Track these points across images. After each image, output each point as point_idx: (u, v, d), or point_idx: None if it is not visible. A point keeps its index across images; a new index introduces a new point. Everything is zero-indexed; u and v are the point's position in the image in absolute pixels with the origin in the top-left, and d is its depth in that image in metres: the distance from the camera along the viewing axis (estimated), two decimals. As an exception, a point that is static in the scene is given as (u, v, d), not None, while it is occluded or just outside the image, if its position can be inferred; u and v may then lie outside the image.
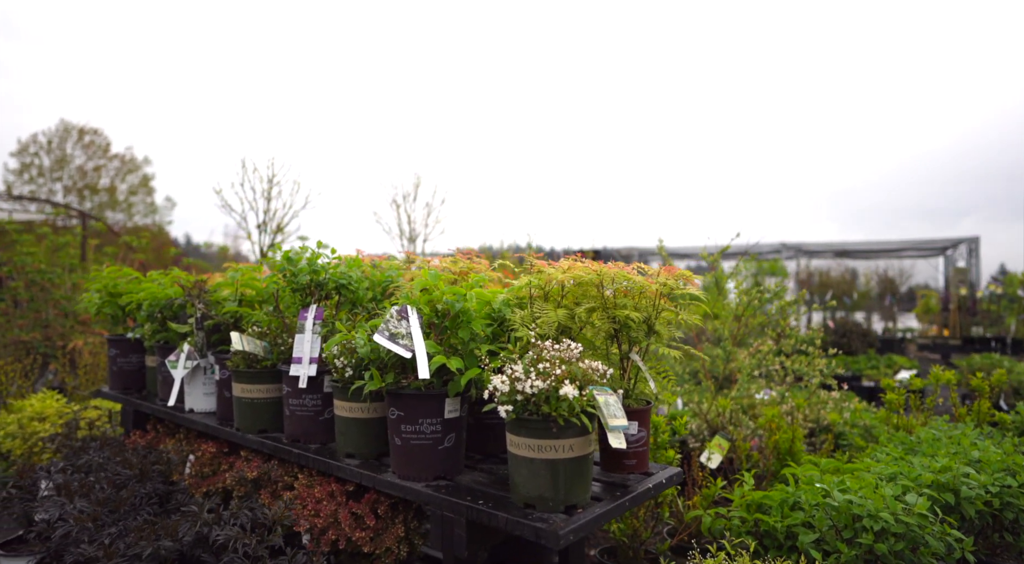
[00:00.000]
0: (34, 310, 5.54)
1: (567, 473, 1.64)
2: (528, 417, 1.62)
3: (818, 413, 3.39)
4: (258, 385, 2.44)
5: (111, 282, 3.31)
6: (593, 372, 1.69)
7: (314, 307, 2.33)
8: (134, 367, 3.33)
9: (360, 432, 2.11)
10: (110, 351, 3.33)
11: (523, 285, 2.05)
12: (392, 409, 1.91)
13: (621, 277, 1.93)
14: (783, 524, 2.10)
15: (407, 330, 1.89)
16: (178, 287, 2.89)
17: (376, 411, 2.11)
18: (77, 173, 29.17)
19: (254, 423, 2.45)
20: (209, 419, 2.71)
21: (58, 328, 5.65)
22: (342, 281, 2.37)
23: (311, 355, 2.28)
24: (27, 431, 3.69)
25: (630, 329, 1.92)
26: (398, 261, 2.66)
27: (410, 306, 1.96)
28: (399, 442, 1.90)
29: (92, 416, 3.58)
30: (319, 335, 2.29)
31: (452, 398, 1.90)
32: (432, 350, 1.84)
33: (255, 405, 2.45)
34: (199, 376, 2.80)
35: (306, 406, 2.30)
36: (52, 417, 3.77)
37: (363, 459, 2.12)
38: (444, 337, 1.94)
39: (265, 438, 2.39)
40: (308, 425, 2.31)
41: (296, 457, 2.24)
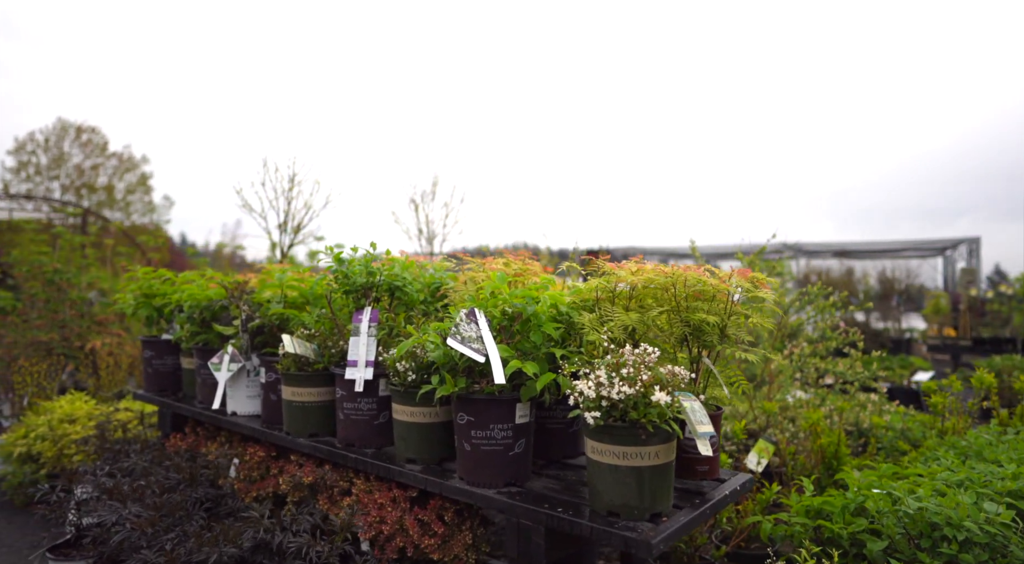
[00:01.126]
0: (51, 310, 5.48)
1: (652, 481, 1.61)
2: (613, 424, 1.59)
3: (856, 416, 3.37)
4: (309, 388, 2.41)
5: (146, 283, 3.27)
6: (677, 377, 1.66)
7: (369, 309, 2.29)
8: (169, 369, 3.28)
9: (422, 437, 2.08)
10: (145, 353, 3.28)
11: (591, 287, 2.02)
12: (461, 414, 1.88)
13: (694, 280, 1.90)
14: (848, 531, 2.07)
15: (477, 334, 1.86)
16: (220, 288, 2.85)
17: (438, 416, 2.07)
18: (75, 171, 29.00)
19: (304, 427, 2.42)
20: (254, 422, 2.67)
21: (75, 328, 5.59)
22: (396, 283, 2.34)
23: (367, 358, 2.25)
24: (57, 433, 3.64)
25: (703, 333, 1.89)
26: (448, 263, 2.63)
27: (478, 309, 1.93)
28: (468, 448, 1.87)
29: (124, 418, 3.53)
30: (375, 338, 2.26)
31: (523, 403, 1.87)
32: (505, 354, 1.81)
33: (306, 408, 2.41)
34: (242, 379, 2.76)
35: (361, 410, 2.27)
36: (82, 419, 3.73)
37: (425, 464, 2.08)
38: (514, 341, 1.91)
39: (317, 442, 2.36)
40: (363, 429, 2.27)
41: (353, 462, 2.20)
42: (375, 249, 2.38)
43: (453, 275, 2.58)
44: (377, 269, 2.31)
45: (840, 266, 16.48)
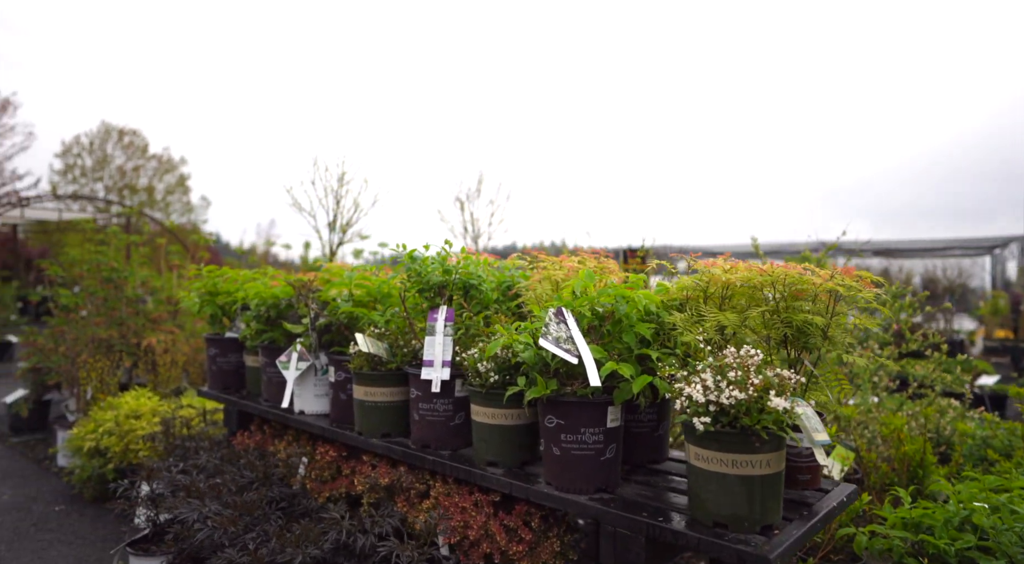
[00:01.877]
0: (109, 308, 5.61)
1: (763, 491, 1.52)
2: (722, 430, 1.51)
3: (937, 422, 3.21)
4: (382, 388, 2.38)
5: (210, 282, 3.29)
6: (787, 382, 1.57)
7: (444, 308, 2.25)
8: (233, 366, 3.30)
9: (503, 440, 2.02)
10: (209, 350, 3.31)
11: (681, 286, 1.94)
12: (550, 417, 1.81)
13: (794, 278, 1.80)
14: (956, 547, 1.95)
15: (567, 334, 1.79)
16: (286, 287, 2.85)
17: (521, 418, 2.02)
18: (117, 173, 29.88)
19: (377, 427, 2.39)
20: (322, 421, 2.65)
21: (132, 325, 5.72)
22: (472, 281, 2.29)
23: (443, 358, 2.20)
24: (123, 428, 3.70)
25: (805, 335, 1.79)
26: (521, 261, 2.57)
27: (565, 308, 1.86)
28: (557, 452, 1.81)
29: (187, 415, 3.57)
30: (451, 337, 2.21)
31: (615, 406, 1.80)
32: (599, 356, 1.74)
33: (379, 408, 2.38)
34: (309, 377, 2.75)
35: (437, 411, 2.23)
36: (147, 415, 3.78)
37: (506, 468, 2.03)
38: (604, 341, 1.84)
39: (391, 443, 2.32)
40: (439, 430, 2.23)
41: (430, 464, 2.16)
42: (450, 247, 2.34)
43: (524, 274, 2.52)
44: (453, 267, 2.26)
45: (879, 266, 15.95)
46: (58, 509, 3.67)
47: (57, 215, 18.80)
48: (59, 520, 3.51)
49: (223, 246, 22.65)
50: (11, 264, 19.26)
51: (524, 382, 1.86)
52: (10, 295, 12.71)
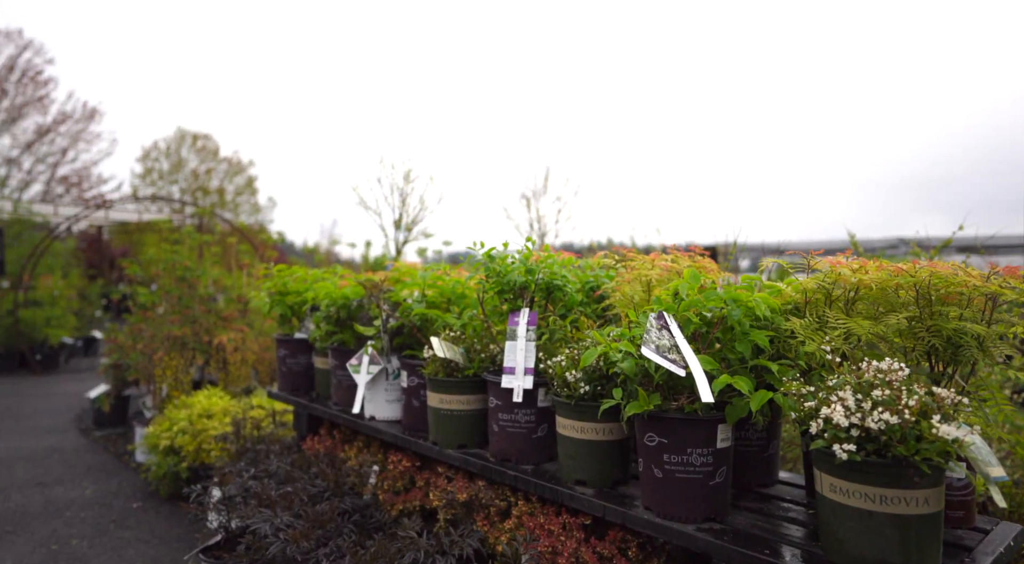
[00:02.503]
0: (183, 306, 5.75)
1: (920, 534, 1.27)
2: (868, 459, 1.28)
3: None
4: (458, 396, 2.23)
5: (280, 281, 3.25)
6: (945, 402, 1.31)
7: (526, 311, 2.08)
8: (302, 368, 3.25)
9: (593, 456, 1.84)
10: (279, 351, 3.27)
11: (799, 288, 1.70)
12: (651, 435, 1.61)
13: (942, 279, 1.54)
14: None
15: (671, 342, 1.59)
16: (357, 287, 2.75)
17: (614, 433, 1.83)
18: (191, 176, 31.35)
19: (453, 437, 2.25)
20: (394, 428, 2.54)
21: (204, 324, 5.85)
22: (556, 282, 2.11)
23: (526, 365, 2.03)
24: (196, 427, 3.73)
25: (956, 346, 1.52)
26: (607, 260, 2.37)
27: (667, 313, 1.66)
28: (659, 474, 1.61)
29: (257, 416, 3.55)
30: (534, 343, 2.05)
31: (726, 425, 1.58)
32: (710, 367, 1.53)
33: (454, 417, 2.24)
34: (380, 381, 2.64)
35: (518, 422, 2.06)
36: (218, 415, 3.80)
37: (596, 488, 1.84)
38: (713, 351, 1.62)
39: (467, 455, 2.18)
40: (519, 443, 2.07)
41: (511, 480, 2.00)
42: (534, 245, 2.16)
43: (608, 273, 2.32)
44: (536, 266, 2.09)
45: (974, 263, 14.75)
46: (136, 506, 3.73)
47: (137, 216, 19.87)
48: (137, 517, 3.57)
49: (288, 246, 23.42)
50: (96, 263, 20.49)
51: (621, 395, 1.67)
52: (95, 292, 13.45)
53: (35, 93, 23.59)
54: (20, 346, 9.06)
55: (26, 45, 23.28)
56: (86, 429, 5.74)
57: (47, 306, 9.94)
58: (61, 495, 3.92)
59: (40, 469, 4.46)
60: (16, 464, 4.59)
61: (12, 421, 5.99)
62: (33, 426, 5.80)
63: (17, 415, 6.23)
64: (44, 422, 5.98)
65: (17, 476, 4.30)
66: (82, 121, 25.22)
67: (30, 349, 9.17)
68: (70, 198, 25.09)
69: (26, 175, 24.14)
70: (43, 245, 10.16)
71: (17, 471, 4.42)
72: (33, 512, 3.64)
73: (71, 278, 12.21)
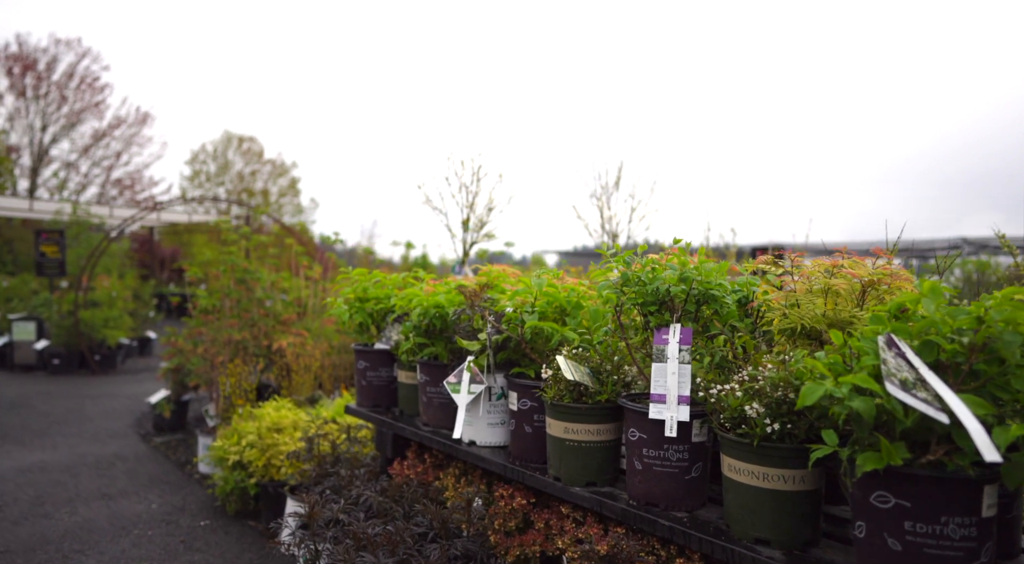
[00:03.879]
0: (242, 309, 5.60)
1: None
2: None
3: None
4: (587, 425, 1.90)
5: (360, 287, 2.98)
6: None
7: (677, 327, 1.73)
8: (384, 382, 2.97)
9: (780, 510, 1.48)
10: (357, 363, 3.00)
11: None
12: (882, 494, 1.25)
13: None
14: None
15: (914, 375, 1.22)
16: (455, 294, 2.45)
17: (806, 482, 1.47)
18: (236, 177, 31.97)
19: (580, 472, 1.92)
20: (498, 456, 2.23)
21: (263, 327, 5.68)
22: (713, 292, 1.76)
23: (679, 392, 1.69)
24: (265, 442, 3.50)
25: None
26: (768, 266, 2.01)
27: (897, 336, 1.29)
28: (897, 546, 1.24)
29: (331, 432, 3.30)
30: (688, 365, 1.70)
31: (994, 486, 1.21)
32: (980, 411, 1.16)
33: (582, 450, 1.91)
34: (481, 402, 2.34)
35: (668, 460, 1.72)
36: (288, 429, 3.56)
37: (784, 549, 1.48)
38: (975, 387, 1.25)
39: (599, 495, 1.85)
40: (669, 485, 1.72)
41: (664, 530, 1.66)
42: (685, 246, 1.82)
43: (754, 281, 1.96)
44: (691, 273, 1.74)
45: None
46: (204, 524, 3.53)
47: (187, 217, 20.27)
48: (206, 538, 3.35)
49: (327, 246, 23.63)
50: (148, 263, 20.97)
51: (835, 439, 1.31)
52: (148, 292, 13.65)
53: (92, 99, 24.33)
54: (80, 346, 9.16)
55: (84, 53, 24.03)
56: (146, 434, 5.63)
57: (105, 307, 10.05)
58: (127, 509, 3.75)
59: (104, 479, 4.32)
60: (81, 472, 4.47)
61: (75, 424, 5.94)
62: (95, 430, 5.73)
63: (80, 418, 6.19)
64: (105, 426, 5.91)
65: (83, 486, 4.16)
66: (135, 125, 25.94)
67: (89, 349, 9.26)
68: (123, 200, 25.84)
69: (83, 178, 24.95)
70: (101, 246, 10.28)
71: (82, 480, 4.29)
72: (100, 528, 3.47)
73: (127, 279, 12.38)
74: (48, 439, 5.39)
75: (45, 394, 7.39)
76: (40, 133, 23.58)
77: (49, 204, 16.27)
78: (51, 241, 9.96)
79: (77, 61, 23.77)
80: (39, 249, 9.99)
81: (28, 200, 16.86)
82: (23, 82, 22.83)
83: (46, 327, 9.58)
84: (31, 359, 9.39)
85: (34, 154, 23.55)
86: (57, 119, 23.89)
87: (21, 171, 23.40)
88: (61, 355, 9.16)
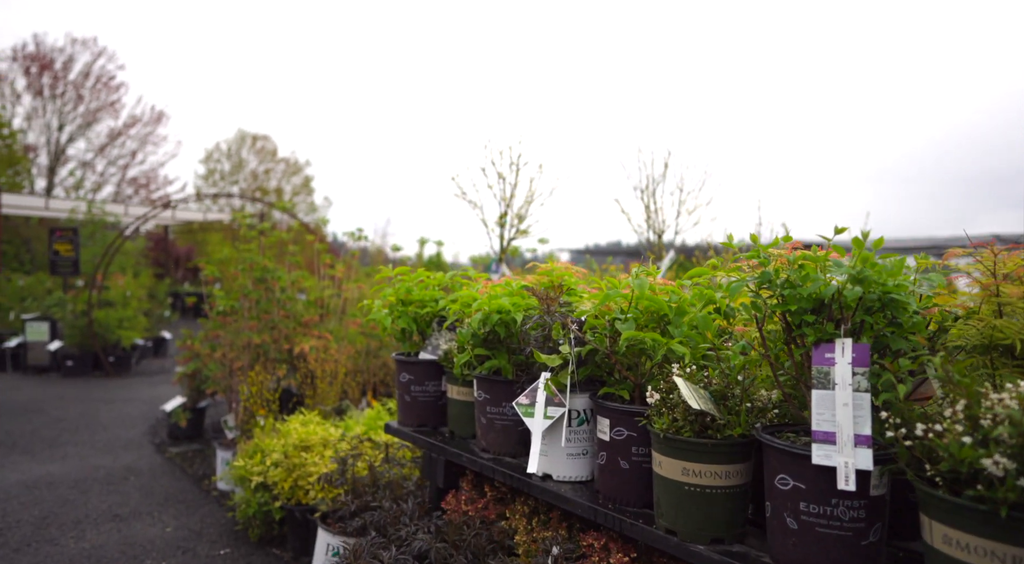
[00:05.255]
0: (263, 310, 5.23)
1: None
2: None
3: None
4: (714, 466, 1.49)
5: (403, 288, 2.59)
6: None
7: (847, 343, 1.32)
8: (430, 397, 2.57)
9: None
10: (400, 375, 2.60)
11: None
12: None
13: None
14: None
15: None
16: (523, 297, 2.05)
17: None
18: (251, 176, 31.86)
19: (702, 526, 1.50)
20: (581, 494, 1.82)
21: (284, 330, 5.31)
22: (893, 295, 1.34)
23: (854, 431, 1.27)
24: (291, 461, 3.12)
25: None
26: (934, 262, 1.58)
27: None
28: None
29: (367, 453, 2.91)
30: (867, 393, 1.28)
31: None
32: None
33: (706, 497, 1.50)
34: (559, 428, 1.93)
35: (837, 519, 1.30)
36: (316, 446, 3.18)
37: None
38: None
39: (732, 558, 1.43)
40: (837, 552, 1.31)
41: (839, 615, 1.24)
42: (862, 236, 1.39)
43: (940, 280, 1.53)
44: (865, 273, 1.32)
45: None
46: (224, 553, 3.15)
47: (202, 216, 20.06)
48: (226, 570, 2.99)
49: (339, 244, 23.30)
50: (162, 262, 20.81)
51: None
52: (163, 292, 13.40)
53: (108, 98, 24.24)
54: (94, 347, 8.88)
55: (100, 52, 23.94)
56: (161, 443, 5.29)
57: (119, 307, 9.77)
58: (140, 533, 3.39)
59: (116, 496, 3.97)
60: (91, 488, 4.13)
61: (88, 432, 5.62)
62: (108, 439, 5.41)
63: (92, 425, 5.87)
64: (119, 434, 5.59)
65: (92, 505, 3.82)
66: (150, 124, 25.84)
67: (103, 351, 8.98)
68: (138, 199, 25.76)
69: (99, 177, 24.88)
70: (116, 244, 10.00)
71: (92, 498, 3.94)
72: (110, 557, 3.11)
73: (141, 278, 12.13)
74: (59, 449, 5.07)
75: (58, 398, 7.09)
76: (57, 132, 23.53)
77: (65, 203, 16.11)
78: (65, 239, 9.70)
79: (93, 60, 23.68)
80: (52, 247, 9.74)
81: (44, 198, 16.72)
82: (40, 82, 22.78)
83: (59, 327, 9.32)
84: (44, 360, 9.13)
85: (51, 153, 23.51)
86: (74, 118, 23.83)
87: (39, 170, 23.37)
88: (75, 356, 8.89)
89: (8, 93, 22.39)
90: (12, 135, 19.09)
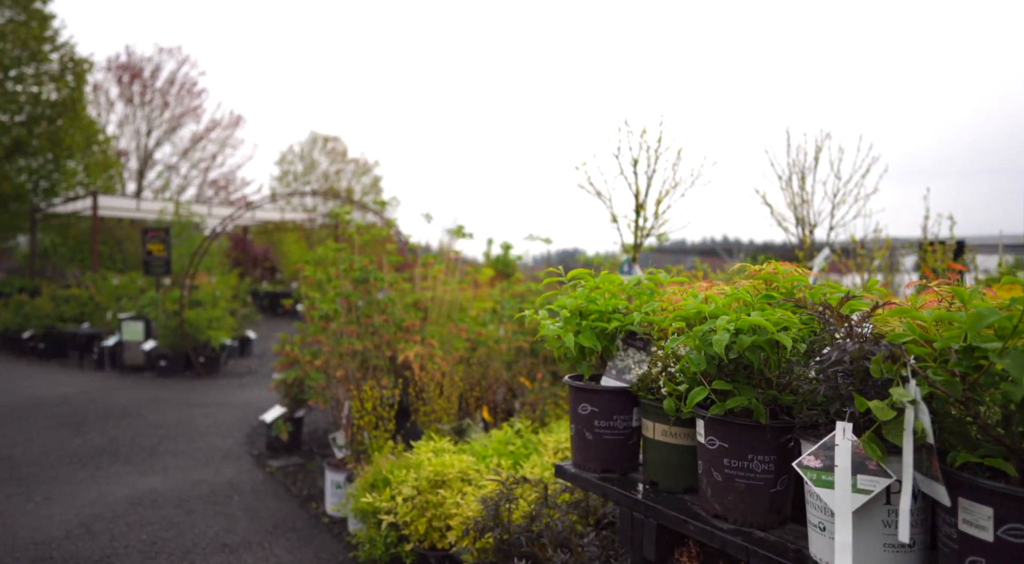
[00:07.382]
0: (364, 314, 4.86)
1: None
2: None
3: None
4: None
5: (582, 296, 2.05)
6: None
7: None
8: (619, 435, 2.02)
9: None
10: (578, 407, 2.06)
11: None
12: None
13: None
14: None
15: None
16: (792, 309, 1.46)
17: None
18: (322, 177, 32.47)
19: None
20: (920, 609, 1.21)
21: (384, 335, 4.92)
22: None
23: None
24: (425, 498, 2.64)
25: None
26: None
27: None
28: None
29: (526, 496, 2.39)
30: None
31: None
32: None
33: None
34: (878, 506, 1.33)
35: None
36: (453, 481, 2.69)
37: None
38: None
39: None
40: None
41: None
42: None
43: None
44: None
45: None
46: (350, 604, 2.73)
47: (279, 216, 20.42)
48: (357, 629, 2.55)
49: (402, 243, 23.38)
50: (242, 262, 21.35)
51: None
52: (244, 291, 13.52)
53: (191, 103, 25.16)
54: (186, 348, 8.88)
55: (184, 60, 24.86)
56: (260, 455, 5.01)
57: (208, 306, 9.79)
58: (251, 569, 3.02)
59: (222, 519, 3.65)
60: (196, 508, 3.84)
61: (185, 440, 5.43)
62: (206, 449, 5.18)
63: (189, 432, 5.68)
64: (216, 443, 5.36)
65: (199, 529, 3.50)
66: (229, 127, 26.68)
67: (194, 351, 8.98)
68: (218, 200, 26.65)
69: (183, 180, 25.88)
70: (204, 245, 10.04)
71: (198, 520, 3.63)
72: (223, 599, 2.74)
73: (228, 278, 12.24)
74: (159, 459, 4.86)
75: (154, 401, 7.03)
76: (145, 137, 24.61)
77: (153, 204, 16.64)
78: (157, 239, 9.79)
79: (178, 68, 24.62)
80: (146, 247, 9.85)
81: (135, 200, 17.36)
82: (131, 90, 23.86)
83: (153, 327, 9.41)
84: (139, 360, 9.23)
85: (140, 157, 24.61)
86: (160, 124, 24.86)
87: (129, 174, 24.51)
88: (167, 356, 8.92)
89: (103, 101, 23.58)
90: (107, 141, 19.99)
